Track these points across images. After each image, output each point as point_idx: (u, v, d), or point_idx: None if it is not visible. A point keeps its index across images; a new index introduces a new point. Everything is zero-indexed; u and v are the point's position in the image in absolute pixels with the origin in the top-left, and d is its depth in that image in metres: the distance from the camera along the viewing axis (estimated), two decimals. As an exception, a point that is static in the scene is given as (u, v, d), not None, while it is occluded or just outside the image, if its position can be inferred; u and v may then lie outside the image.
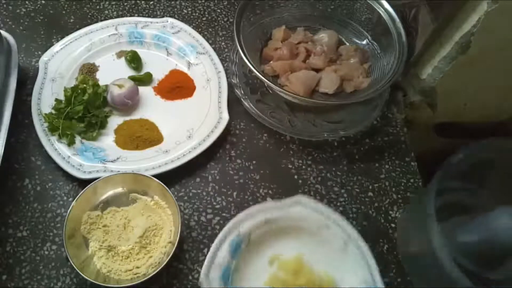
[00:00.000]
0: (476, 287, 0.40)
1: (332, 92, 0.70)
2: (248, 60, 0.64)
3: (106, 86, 0.69)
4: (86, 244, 0.57)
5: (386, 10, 0.71)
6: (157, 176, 0.60)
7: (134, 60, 0.73)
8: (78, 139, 0.65)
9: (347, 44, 0.76)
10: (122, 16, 0.80)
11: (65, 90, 0.67)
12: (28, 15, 0.79)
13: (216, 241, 0.56)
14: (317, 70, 0.72)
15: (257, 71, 0.63)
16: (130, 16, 0.80)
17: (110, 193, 0.60)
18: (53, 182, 0.63)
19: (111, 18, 0.79)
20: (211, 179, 0.66)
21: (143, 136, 0.67)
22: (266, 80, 0.64)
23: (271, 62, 0.73)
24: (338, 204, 0.65)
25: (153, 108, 0.71)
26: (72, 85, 0.68)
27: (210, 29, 0.81)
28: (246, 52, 0.65)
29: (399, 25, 0.69)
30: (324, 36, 0.75)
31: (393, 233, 0.64)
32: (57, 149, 0.63)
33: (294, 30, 0.76)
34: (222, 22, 0.82)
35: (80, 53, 0.73)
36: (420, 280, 0.56)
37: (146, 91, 0.72)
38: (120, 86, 0.67)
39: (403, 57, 0.67)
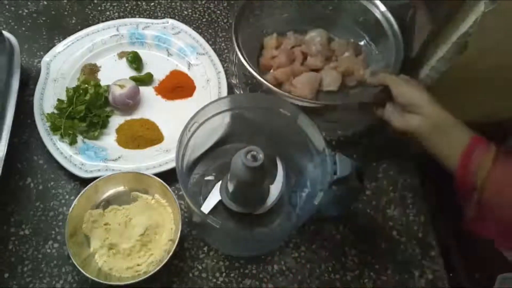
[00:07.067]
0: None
1: (336, 88, 0.71)
2: (248, 63, 0.64)
3: (108, 86, 0.69)
4: (87, 242, 0.57)
5: (383, 11, 0.71)
6: (158, 175, 0.61)
7: (135, 61, 0.74)
8: (80, 138, 0.66)
9: (337, 39, 0.77)
10: (123, 17, 0.80)
11: (67, 90, 0.68)
12: (31, 16, 0.79)
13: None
14: (316, 70, 0.73)
15: (257, 73, 0.64)
16: (131, 17, 0.80)
17: (111, 191, 0.61)
18: (55, 181, 0.64)
19: (112, 19, 0.80)
20: (211, 178, 0.66)
21: (144, 136, 0.67)
22: (271, 86, 0.64)
23: (272, 71, 0.72)
24: (337, 203, 0.66)
25: (154, 108, 0.71)
26: (74, 86, 0.69)
27: (210, 30, 0.81)
28: (245, 54, 0.66)
29: (396, 26, 0.70)
30: (315, 36, 0.75)
31: (391, 232, 0.64)
32: (59, 149, 0.64)
33: (284, 35, 0.76)
34: (222, 23, 0.82)
35: (82, 54, 0.74)
36: (209, 237, 0.61)
37: (147, 91, 0.73)
38: (121, 86, 0.68)
39: (400, 57, 0.67)
